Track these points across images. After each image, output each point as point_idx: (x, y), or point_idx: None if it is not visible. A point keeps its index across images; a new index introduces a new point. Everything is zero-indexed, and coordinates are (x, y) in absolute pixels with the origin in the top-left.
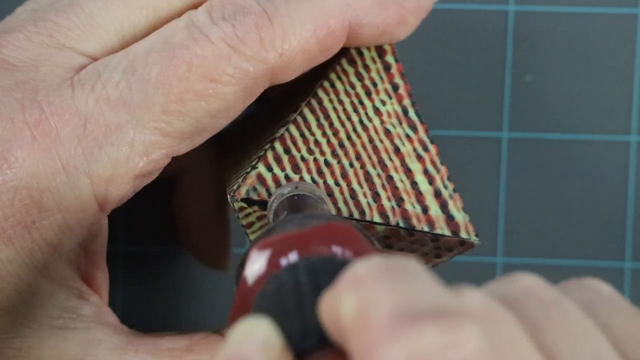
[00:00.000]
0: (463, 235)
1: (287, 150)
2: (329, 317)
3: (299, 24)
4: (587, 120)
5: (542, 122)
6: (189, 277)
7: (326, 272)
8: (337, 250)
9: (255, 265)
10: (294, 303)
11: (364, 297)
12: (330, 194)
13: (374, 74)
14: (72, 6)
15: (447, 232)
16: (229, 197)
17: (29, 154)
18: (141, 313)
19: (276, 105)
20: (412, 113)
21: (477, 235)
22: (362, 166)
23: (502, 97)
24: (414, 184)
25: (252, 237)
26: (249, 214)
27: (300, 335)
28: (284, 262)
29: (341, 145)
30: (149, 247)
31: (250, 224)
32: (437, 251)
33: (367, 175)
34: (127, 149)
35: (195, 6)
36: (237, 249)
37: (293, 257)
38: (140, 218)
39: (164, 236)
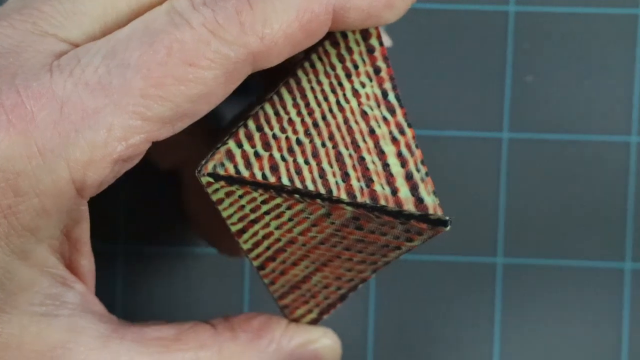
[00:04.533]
0: (432, 214)
1: (259, 128)
2: None
3: (281, 8)
4: (587, 120)
5: (542, 122)
6: (188, 277)
7: None
8: None
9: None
10: None
11: None
12: (298, 172)
13: (356, 56)
14: None
15: (414, 212)
16: (196, 172)
17: (4, 137)
18: (141, 313)
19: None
20: (391, 96)
21: (446, 217)
22: (335, 146)
23: (502, 97)
24: (385, 166)
25: (224, 214)
26: (217, 190)
27: None
28: None
29: (315, 124)
30: (149, 247)
31: (220, 200)
32: (407, 234)
33: (339, 156)
34: (104, 133)
35: None
36: None
37: None
38: (140, 218)
39: (164, 236)
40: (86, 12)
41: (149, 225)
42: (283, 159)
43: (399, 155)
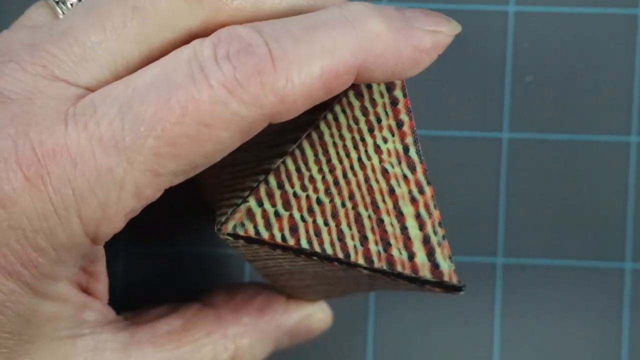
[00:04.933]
0: (447, 281)
1: (280, 185)
2: None
3: (305, 68)
4: (587, 120)
5: (542, 122)
6: (188, 277)
7: None
8: None
9: None
10: None
11: None
12: (317, 234)
13: (379, 109)
14: (67, 35)
15: (430, 279)
16: (215, 227)
17: (22, 195)
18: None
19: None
20: (412, 152)
21: (461, 284)
22: (354, 207)
23: (502, 97)
24: (403, 229)
25: (237, 252)
26: (236, 246)
27: None
28: None
29: (336, 183)
30: (149, 247)
31: (237, 249)
32: (421, 290)
33: (358, 217)
34: (117, 191)
35: (189, 40)
36: None
37: None
38: (140, 218)
39: (164, 236)
40: (96, 59)
41: (149, 225)
42: (303, 219)
43: (417, 216)
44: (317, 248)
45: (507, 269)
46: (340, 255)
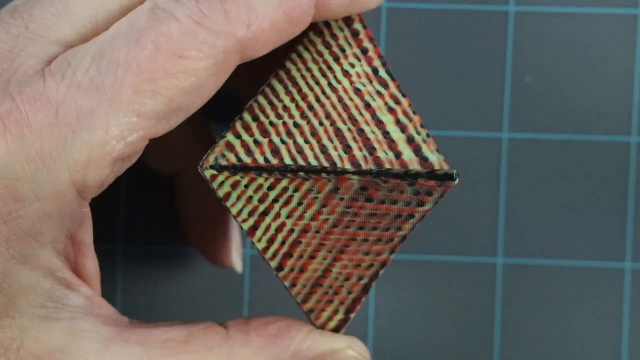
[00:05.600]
0: (438, 169)
1: (255, 118)
2: None
3: None
4: (587, 120)
5: (542, 122)
6: (189, 277)
7: None
8: None
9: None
10: None
11: None
12: (300, 151)
13: (341, 41)
14: None
15: (420, 170)
16: (198, 168)
17: (1, 143)
18: (141, 312)
19: None
20: (382, 72)
21: (453, 171)
22: (332, 123)
23: (502, 97)
24: (385, 134)
25: (233, 210)
26: (222, 183)
27: None
28: None
29: (310, 107)
30: (149, 246)
31: (227, 195)
32: (417, 197)
33: (338, 131)
34: (102, 133)
35: None
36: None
37: None
38: (140, 217)
39: (164, 236)
40: (78, 13)
41: (149, 225)
42: (283, 142)
43: (398, 122)
44: (301, 163)
45: (507, 269)
46: (326, 164)
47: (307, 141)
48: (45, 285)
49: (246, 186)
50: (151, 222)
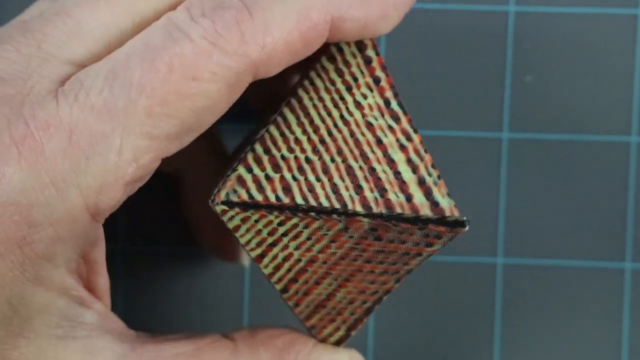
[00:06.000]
0: (449, 215)
1: (267, 151)
2: None
3: (280, 17)
4: (587, 120)
5: (542, 122)
6: (189, 277)
7: None
8: None
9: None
10: None
11: None
12: (311, 190)
13: (354, 69)
14: (60, 14)
15: (431, 216)
16: (209, 201)
17: (16, 170)
18: (141, 313)
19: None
20: (394, 104)
21: (464, 218)
22: (344, 160)
23: (502, 97)
24: (397, 174)
25: (242, 240)
26: (232, 217)
27: None
28: None
29: (322, 141)
30: (149, 247)
31: (237, 227)
32: (426, 239)
33: (349, 169)
34: (114, 157)
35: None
36: None
37: None
38: (140, 218)
39: (164, 236)
40: (90, 32)
41: (149, 225)
42: (294, 178)
43: (409, 161)
44: (312, 203)
45: (507, 269)
46: (337, 206)
47: (318, 179)
48: (60, 304)
49: (256, 221)
50: (152, 221)
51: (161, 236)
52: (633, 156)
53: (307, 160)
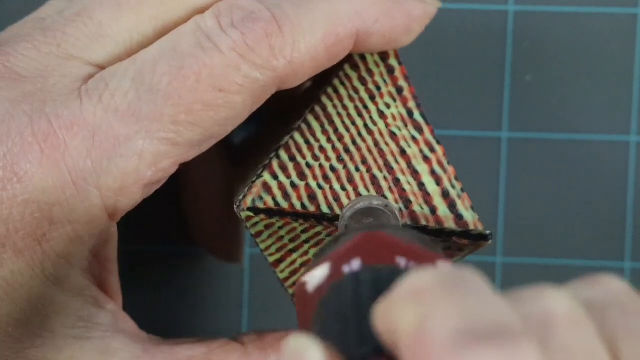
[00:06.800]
0: (472, 229)
1: (292, 158)
2: (385, 326)
3: (308, 31)
4: (587, 120)
5: (542, 122)
6: (189, 277)
7: (388, 281)
8: (400, 260)
9: (317, 272)
10: (354, 310)
11: (423, 311)
12: (336, 199)
13: (377, 78)
14: (82, 15)
15: (456, 229)
16: (235, 207)
17: (38, 168)
18: (141, 312)
19: (286, 114)
20: (417, 115)
21: (487, 232)
22: (368, 170)
23: (502, 97)
24: (421, 186)
25: (262, 246)
26: (256, 223)
27: (358, 342)
28: (346, 269)
29: (346, 150)
30: (149, 247)
31: (259, 233)
32: (448, 252)
33: (374, 179)
34: (136, 160)
35: (202, 12)
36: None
37: (356, 264)
38: (140, 217)
39: (165, 236)
40: (111, 35)
41: (149, 225)
42: (320, 187)
43: (432, 173)
44: (338, 212)
45: (507, 269)
46: None
47: (343, 188)
48: (75, 305)
49: (280, 227)
50: (152, 221)
51: (161, 236)
52: (633, 156)
53: (332, 168)
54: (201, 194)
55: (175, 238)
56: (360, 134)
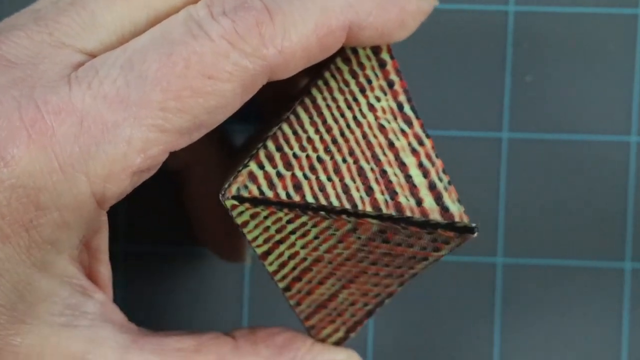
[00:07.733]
0: (458, 221)
1: (279, 148)
2: None
3: (300, 21)
4: (587, 120)
5: (542, 122)
6: (189, 276)
7: None
8: None
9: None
10: None
11: None
12: (322, 189)
13: (368, 71)
14: (75, 5)
15: (441, 221)
16: (220, 196)
17: (25, 153)
18: (141, 313)
19: (280, 111)
20: (407, 108)
21: (473, 224)
22: (356, 161)
23: (502, 97)
24: (407, 178)
25: (249, 236)
26: (241, 212)
27: None
28: None
29: (334, 141)
30: (149, 247)
31: (245, 223)
32: (434, 244)
33: (361, 170)
34: (124, 146)
35: (194, 2)
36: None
37: None
38: (140, 217)
39: (164, 236)
40: (104, 24)
41: (149, 225)
42: (305, 177)
43: (420, 166)
44: (323, 202)
45: (507, 269)
46: (348, 206)
47: (329, 179)
48: (63, 293)
49: (265, 217)
50: (152, 221)
51: (161, 236)
52: (633, 156)
53: (319, 159)
54: (204, 194)
55: (176, 238)
56: (348, 126)
